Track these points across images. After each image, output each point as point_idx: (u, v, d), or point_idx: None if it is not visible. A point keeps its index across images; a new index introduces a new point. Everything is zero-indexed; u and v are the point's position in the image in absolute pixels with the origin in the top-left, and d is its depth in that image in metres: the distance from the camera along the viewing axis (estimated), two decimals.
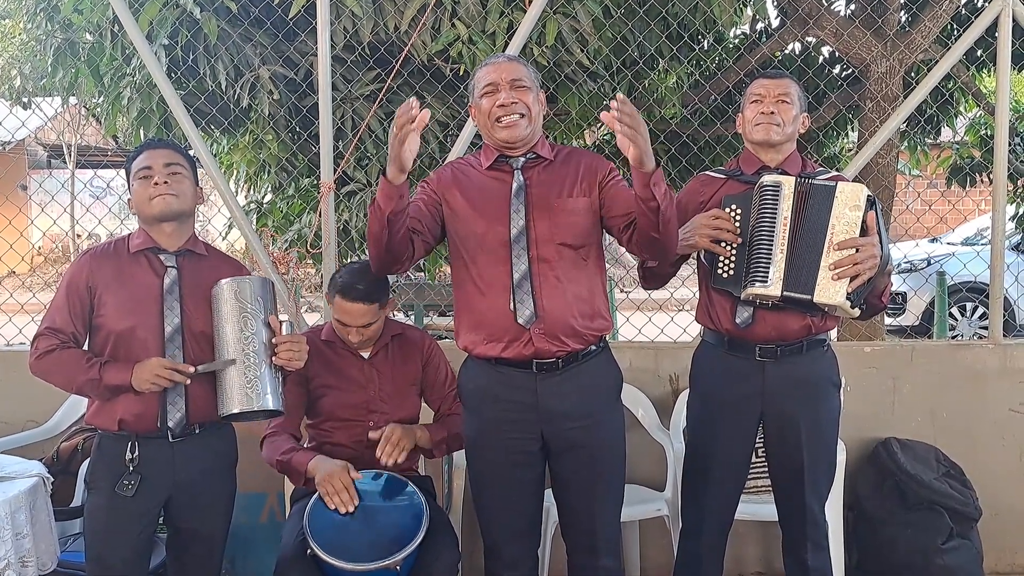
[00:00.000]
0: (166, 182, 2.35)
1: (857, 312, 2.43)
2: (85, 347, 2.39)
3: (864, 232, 2.39)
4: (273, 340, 2.32)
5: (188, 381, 2.29)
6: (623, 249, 2.47)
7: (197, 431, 2.37)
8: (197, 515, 2.41)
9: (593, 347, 2.38)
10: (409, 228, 2.29)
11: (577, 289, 2.33)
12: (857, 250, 2.36)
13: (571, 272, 2.33)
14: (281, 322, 2.35)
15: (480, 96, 2.37)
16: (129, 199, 2.45)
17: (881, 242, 2.41)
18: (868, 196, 2.41)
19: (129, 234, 2.46)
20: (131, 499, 2.31)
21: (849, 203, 2.40)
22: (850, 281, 2.37)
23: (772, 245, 2.41)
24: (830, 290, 2.37)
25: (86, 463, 3.10)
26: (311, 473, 2.51)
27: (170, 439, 2.34)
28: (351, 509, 2.41)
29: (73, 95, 4.64)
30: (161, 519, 2.45)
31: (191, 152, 2.96)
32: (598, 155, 2.49)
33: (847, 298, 2.38)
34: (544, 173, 2.39)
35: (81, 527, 3.01)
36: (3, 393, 3.52)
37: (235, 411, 2.28)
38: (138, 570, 2.40)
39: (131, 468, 2.31)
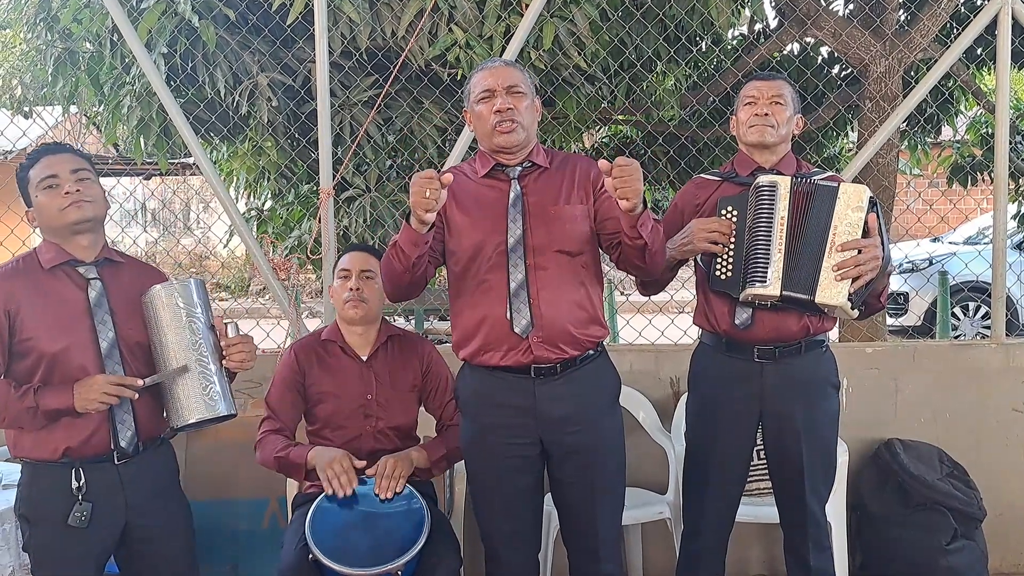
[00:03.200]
0: (78, 189, 2.18)
1: (856, 313, 2.43)
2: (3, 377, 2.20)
3: (866, 233, 2.39)
4: (222, 343, 2.24)
5: (137, 396, 2.16)
6: None
7: (142, 449, 2.26)
8: (159, 535, 2.29)
9: (591, 352, 2.38)
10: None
11: (574, 296, 2.34)
12: (859, 251, 2.36)
13: (568, 279, 2.33)
14: (226, 323, 2.26)
15: (476, 102, 2.37)
16: (28, 212, 2.25)
17: (882, 243, 2.41)
18: (870, 197, 2.41)
19: (35, 249, 2.27)
20: (85, 530, 2.16)
21: (851, 204, 2.40)
22: (852, 282, 2.37)
23: (770, 245, 2.41)
24: (832, 291, 2.37)
25: None
26: (311, 464, 2.51)
27: (115, 461, 2.21)
28: (349, 492, 2.42)
29: (73, 104, 4.65)
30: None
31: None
32: (592, 160, 2.50)
33: (848, 299, 2.38)
34: (541, 181, 2.39)
35: None
36: None
37: (193, 420, 2.18)
38: None
39: (80, 497, 2.16)
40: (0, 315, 2.16)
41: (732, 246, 2.46)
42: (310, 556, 2.35)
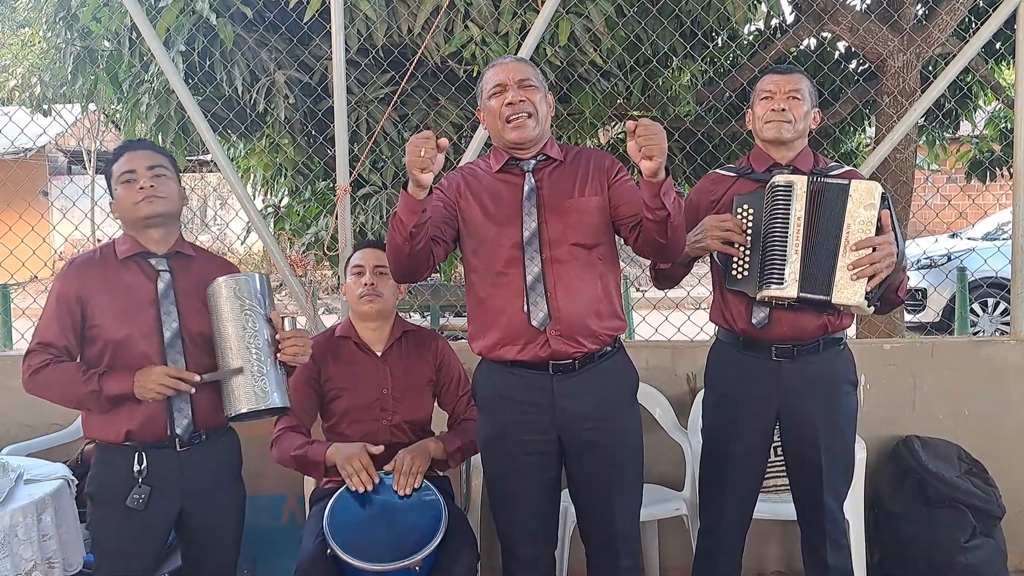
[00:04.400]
0: (152, 185, 2.29)
1: (872, 310, 2.42)
2: (78, 360, 2.32)
3: (879, 230, 2.37)
4: (276, 336, 2.28)
5: (193, 390, 2.23)
6: None
7: (203, 438, 2.33)
8: (210, 524, 2.37)
9: (608, 348, 2.38)
10: (430, 236, 2.28)
11: (592, 289, 2.33)
12: (874, 249, 2.35)
13: (585, 272, 2.33)
14: (283, 318, 2.30)
15: (488, 98, 2.37)
16: (111, 203, 2.37)
17: (896, 239, 2.39)
18: (882, 193, 2.39)
19: (114, 240, 2.39)
20: (142, 512, 2.26)
21: (863, 201, 2.38)
22: (868, 280, 2.35)
23: (786, 246, 2.40)
24: (848, 291, 2.36)
25: None
26: (330, 461, 2.52)
27: (177, 448, 2.29)
28: (371, 487, 2.45)
29: (92, 102, 4.69)
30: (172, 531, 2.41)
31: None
32: (607, 153, 2.49)
33: (865, 297, 2.36)
34: (555, 174, 2.39)
35: None
36: (26, 397, 3.52)
37: (243, 411, 2.23)
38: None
39: (140, 480, 2.26)
40: (73, 300, 2.28)
41: (748, 246, 2.45)
42: (328, 551, 2.36)
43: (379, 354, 2.72)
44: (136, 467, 2.26)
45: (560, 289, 2.30)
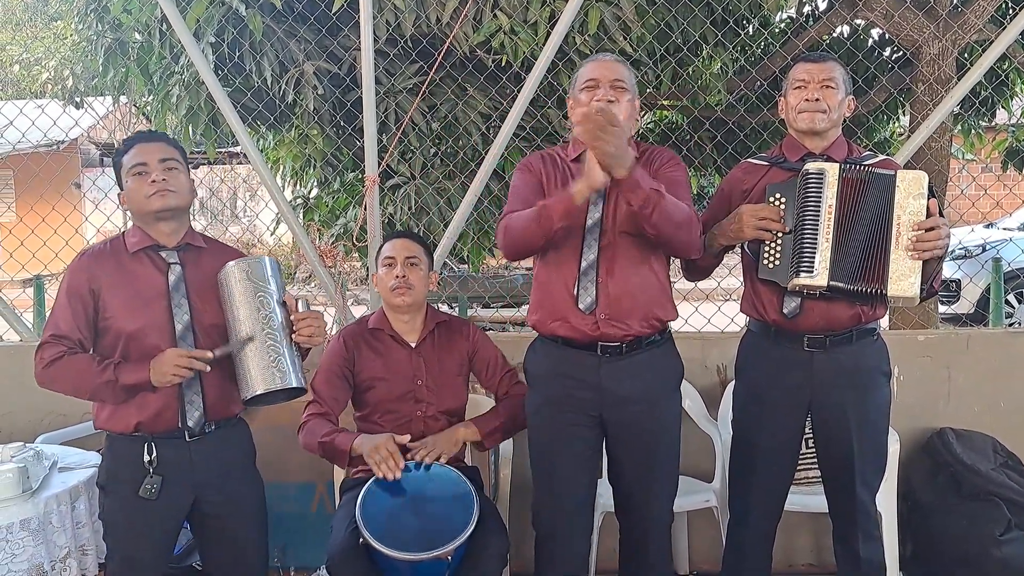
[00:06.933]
0: (164, 179, 2.27)
1: (918, 301, 2.39)
2: (91, 352, 2.31)
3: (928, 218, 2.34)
4: (291, 318, 2.27)
5: (208, 368, 2.22)
6: None
7: (212, 429, 2.32)
8: (228, 515, 2.37)
9: (657, 336, 2.43)
10: None
11: (643, 277, 2.39)
12: (928, 230, 2.32)
13: (641, 259, 2.39)
14: (296, 299, 2.30)
15: (580, 90, 2.44)
16: (120, 194, 2.35)
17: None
18: (929, 182, 2.36)
19: (123, 232, 2.37)
20: (154, 503, 2.26)
21: (912, 192, 2.35)
22: (922, 270, 2.33)
23: (817, 234, 2.37)
24: (904, 282, 2.33)
25: None
26: (356, 451, 2.53)
27: (187, 439, 2.29)
28: (398, 475, 2.43)
29: (123, 94, 4.73)
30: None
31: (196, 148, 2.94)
32: (668, 150, 2.54)
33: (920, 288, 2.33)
34: None
35: None
36: None
37: (260, 391, 2.22)
38: (163, 566, 2.37)
39: (151, 471, 2.26)
40: (86, 292, 2.28)
41: (780, 234, 2.43)
42: (360, 540, 2.37)
43: (413, 345, 2.73)
44: (146, 457, 2.26)
45: (613, 275, 2.36)
